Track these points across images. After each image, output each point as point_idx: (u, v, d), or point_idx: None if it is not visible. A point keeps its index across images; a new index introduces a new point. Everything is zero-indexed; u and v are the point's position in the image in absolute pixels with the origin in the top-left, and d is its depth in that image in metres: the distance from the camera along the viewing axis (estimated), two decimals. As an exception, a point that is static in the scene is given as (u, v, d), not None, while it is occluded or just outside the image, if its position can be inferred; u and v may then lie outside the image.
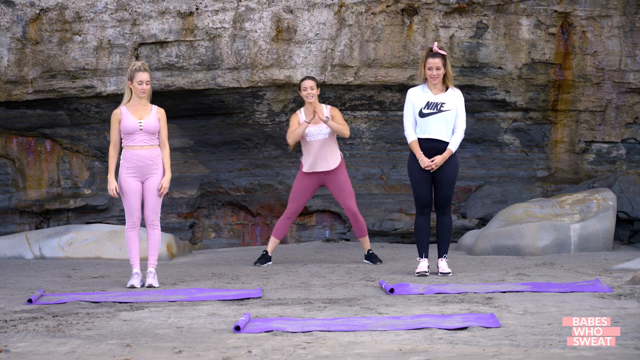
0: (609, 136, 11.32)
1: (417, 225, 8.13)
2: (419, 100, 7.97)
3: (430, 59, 7.91)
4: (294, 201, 9.26)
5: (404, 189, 11.50)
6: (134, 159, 7.72)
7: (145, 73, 7.74)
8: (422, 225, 8.10)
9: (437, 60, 7.90)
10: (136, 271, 7.78)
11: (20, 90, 10.50)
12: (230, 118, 11.10)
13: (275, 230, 9.33)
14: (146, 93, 7.77)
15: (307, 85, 9.04)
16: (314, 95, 9.04)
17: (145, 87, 7.74)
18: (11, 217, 11.36)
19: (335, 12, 10.50)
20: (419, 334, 5.29)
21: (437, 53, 7.92)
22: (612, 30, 10.93)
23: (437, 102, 7.92)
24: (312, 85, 9.06)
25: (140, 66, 7.75)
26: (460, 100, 8.05)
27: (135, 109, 7.76)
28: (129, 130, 7.69)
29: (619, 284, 7.19)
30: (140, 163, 7.72)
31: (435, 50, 7.93)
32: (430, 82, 7.96)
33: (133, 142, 7.72)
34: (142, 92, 7.74)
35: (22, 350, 5.04)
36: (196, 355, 4.85)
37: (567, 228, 9.77)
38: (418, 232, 8.12)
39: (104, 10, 10.30)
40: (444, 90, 7.99)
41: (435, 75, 7.89)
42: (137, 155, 7.72)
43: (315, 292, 7.17)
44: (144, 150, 7.73)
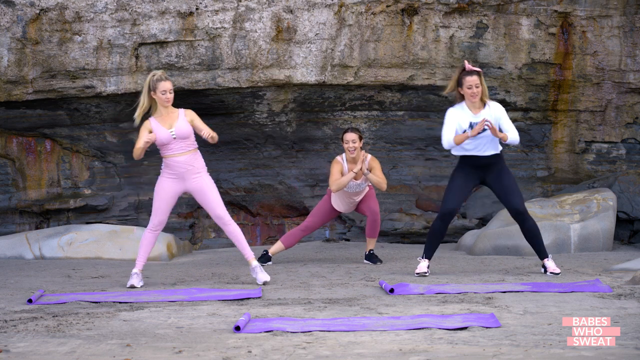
0: (609, 136, 11.32)
1: (434, 229, 8.04)
2: (463, 121, 7.88)
3: (468, 77, 7.80)
4: (315, 217, 9.28)
5: (404, 189, 11.50)
6: (175, 165, 7.69)
7: (167, 82, 7.72)
8: (440, 230, 8.03)
9: (475, 78, 7.81)
10: (135, 271, 7.78)
11: (20, 90, 10.50)
12: (230, 118, 11.10)
13: (286, 237, 9.33)
14: (171, 102, 7.74)
15: (349, 139, 8.97)
16: (356, 148, 8.97)
17: (170, 96, 7.70)
18: (11, 217, 11.36)
19: (335, 12, 10.50)
20: (419, 334, 5.29)
21: (473, 71, 7.84)
22: (612, 30, 10.93)
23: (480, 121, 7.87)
24: (355, 138, 8.98)
25: (160, 76, 7.71)
26: (501, 111, 7.96)
27: (164, 119, 7.71)
28: (163, 142, 7.67)
29: (619, 284, 7.19)
30: (181, 169, 7.70)
31: (470, 68, 7.84)
32: (470, 101, 7.86)
33: (171, 152, 7.70)
34: (167, 101, 7.71)
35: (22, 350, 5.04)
36: (196, 355, 4.85)
37: (567, 228, 9.77)
38: (433, 235, 8.06)
39: (104, 10, 10.31)
40: (482, 107, 7.92)
41: (476, 93, 7.79)
42: (177, 162, 7.69)
43: (315, 292, 7.17)
44: (183, 157, 7.71)
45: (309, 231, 9.35)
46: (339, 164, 9.09)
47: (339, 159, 9.14)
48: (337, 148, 11.36)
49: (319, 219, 9.30)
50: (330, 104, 11.04)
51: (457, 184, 7.96)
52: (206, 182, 7.74)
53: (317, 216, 9.29)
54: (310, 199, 11.45)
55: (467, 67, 7.84)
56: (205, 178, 7.75)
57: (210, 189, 7.72)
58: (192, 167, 7.70)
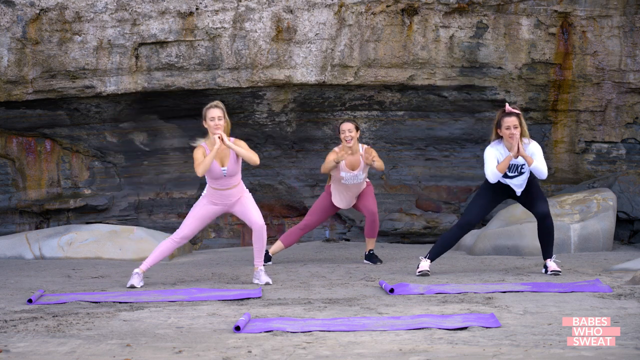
0: (609, 136, 11.32)
1: (451, 236, 8.14)
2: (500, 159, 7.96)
3: (506, 118, 7.87)
4: (313, 215, 9.30)
5: (404, 189, 11.50)
6: (220, 197, 7.83)
7: (217, 109, 7.70)
8: (455, 238, 8.15)
9: (514, 119, 7.87)
10: (137, 271, 7.78)
11: (20, 90, 10.50)
12: (230, 118, 11.08)
13: (285, 236, 9.34)
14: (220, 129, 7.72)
15: (346, 129, 9.01)
16: (353, 138, 9.00)
17: (218, 123, 7.69)
18: (11, 217, 11.36)
19: (335, 12, 10.50)
20: (419, 334, 5.29)
21: (512, 112, 7.90)
22: (612, 30, 10.93)
23: (518, 164, 7.93)
24: (351, 128, 9.01)
25: (212, 104, 7.76)
26: (537, 148, 7.98)
27: (217, 152, 7.72)
28: (214, 176, 7.77)
29: (619, 284, 7.19)
30: (225, 201, 7.85)
31: (509, 110, 7.90)
32: (508, 142, 7.89)
33: (217, 185, 7.81)
34: (216, 127, 7.71)
35: (22, 350, 5.04)
36: (196, 355, 4.85)
37: (567, 228, 9.77)
38: (447, 242, 8.15)
39: (104, 10, 10.30)
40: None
41: (515, 133, 7.85)
42: (223, 195, 7.83)
43: (315, 292, 7.17)
44: (229, 191, 7.82)
45: (308, 229, 9.37)
46: (335, 153, 9.11)
47: (336, 149, 9.17)
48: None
49: (318, 216, 9.31)
50: (330, 104, 11.04)
51: (485, 202, 8.10)
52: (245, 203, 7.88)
53: (316, 214, 9.30)
54: (310, 199, 11.45)
55: (507, 109, 7.92)
56: (245, 199, 7.90)
57: (249, 203, 7.87)
58: (234, 198, 7.87)
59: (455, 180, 11.51)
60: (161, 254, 7.86)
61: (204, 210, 7.88)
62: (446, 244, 8.15)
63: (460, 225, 8.09)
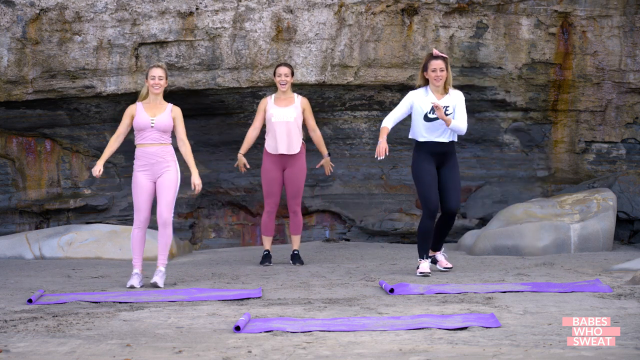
0: (609, 136, 11.32)
1: (425, 228, 8.15)
2: (424, 104, 8.06)
3: (433, 61, 8.03)
4: (270, 196, 9.21)
5: (404, 189, 11.50)
6: (145, 157, 7.77)
7: (158, 69, 7.84)
8: (430, 229, 8.17)
9: (440, 62, 8.03)
10: (136, 271, 7.79)
11: (20, 90, 10.50)
12: (230, 118, 11.10)
13: (264, 230, 9.33)
14: (159, 89, 7.82)
15: (282, 72, 9.10)
16: (287, 83, 9.11)
17: (159, 82, 7.79)
18: (11, 217, 11.36)
19: (335, 12, 10.50)
20: (419, 334, 5.29)
21: (439, 56, 8.03)
22: (612, 30, 10.93)
23: (443, 106, 8.00)
24: (287, 72, 9.12)
25: (156, 64, 7.93)
26: (460, 99, 8.16)
27: (149, 107, 7.83)
28: (140, 127, 7.74)
29: (619, 284, 7.19)
30: (151, 160, 7.76)
31: (437, 54, 8.04)
32: (434, 85, 8.06)
33: (143, 140, 7.77)
34: (155, 86, 7.79)
35: (22, 350, 5.04)
36: (196, 355, 4.85)
37: (567, 228, 9.77)
38: (425, 235, 8.16)
39: (104, 10, 10.30)
40: (445, 93, 8.08)
41: (440, 76, 8.00)
42: (147, 152, 7.76)
43: (315, 292, 7.17)
44: (153, 148, 7.77)
45: (276, 209, 9.28)
46: (264, 102, 9.19)
47: (267, 97, 9.24)
48: (337, 148, 11.36)
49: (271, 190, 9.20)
50: (330, 104, 11.04)
51: (428, 180, 8.14)
52: (167, 179, 7.76)
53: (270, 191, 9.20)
54: (310, 199, 11.45)
55: (434, 53, 8.04)
56: (170, 175, 7.79)
57: (168, 187, 7.75)
58: (162, 160, 7.77)
59: (455, 180, 11.50)
60: (139, 246, 7.83)
61: (138, 185, 7.77)
62: (427, 239, 8.17)
63: (429, 215, 8.11)
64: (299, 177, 9.21)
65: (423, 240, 8.15)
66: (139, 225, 7.81)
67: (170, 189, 7.77)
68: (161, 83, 7.83)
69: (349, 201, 11.52)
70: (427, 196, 8.10)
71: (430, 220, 8.13)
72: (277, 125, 9.09)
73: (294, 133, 9.13)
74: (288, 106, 9.13)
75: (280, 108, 9.12)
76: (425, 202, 8.12)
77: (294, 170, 9.18)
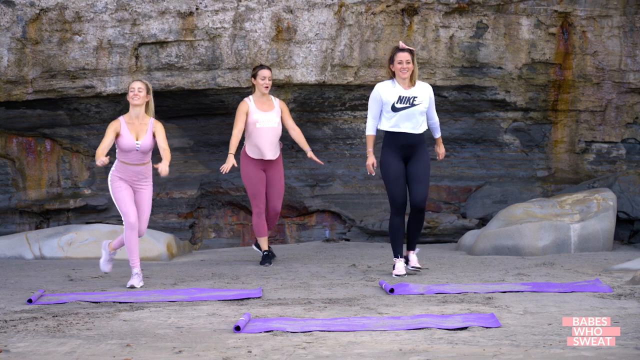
0: (609, 136, 11.32)
1: (394, 225, 8.16)
2: (391, 95, 8.11)
3: (399, 53, 8.07)
4: (256, 197, 9.18)
5: (404, 189, 11.50)
6: (127, 172, 7.90)
7: (138, 82, 7.91)
8: (399, 226, 8.16)
9: (406, 54, 8.07)
10: (136, 271, 7.79)
11: (20, 90, 10.50)
12: (230, 118, 11.09)
13: (258, 231, 9.28)
14: (139, 100, 7.82)
15: (266, 75, 9.12)
16: (268, 87, 9.12)
17: (138, 94, 7.81)
18: (11, 217, 11.36)
19: (335, 12, 10.50)
20: (419, 334, 5.29)
21: (405, 48, 8.09)
22: (612, 30, 10.93)
23: (409, 96, 8.08)
24: (271, 75, 9.17)
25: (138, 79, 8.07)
26: (431, 91, 8.24)
27: (133, 126, 7.83)
28: (125, 149, 7.82)
29: (619, 284, 7.19)
30: (133, 177, 7.92)
31: (402, 47, 8.11)
32: (400, 77, 8.10)
33: (128, 160, 7.89)
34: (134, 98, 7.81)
35: (22, 350, 5.04)
36: (196, 355, 4.85)
37: (567, 228, 9.77)
38: (395, 232, 8.16)
39: (104, 10, 10.30)
40: (412, 85, 8.12)
41: (406, 68, 8.05)
42: (131, 170, 7.90)
43: (315, 292, 7.17)
44: (138, 167, 7.91)
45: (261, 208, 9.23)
46: (245, 104, 9.14)
47: (246, 99, 9.20)
48: (337, 148, 11.37)
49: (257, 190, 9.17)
50: (330, 104, 11.04)
51: (395, 174, 8.15)
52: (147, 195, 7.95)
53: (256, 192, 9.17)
54: (310, 199, 11.45)
55: (400, 45, 8.12)
56: (149, 191, 7.98)
57: (147, 203, 7.96)
58: (143, 177, 7.94)
59: (455, 180, 11.51)
60: (134, 247, 7.87)
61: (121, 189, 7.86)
62: (399, 236, 8.16)
63: (395, 212, 8.12)
64: (279, 180, 9.26)
65: (393, 238, 8.16)
66: (131, 227, 7.85)
67: (149, 206, 7.99)
68: (140, 95, 7.83)
69: (349, 201, 11.52)
70: (392, 192, 8.12)
71: (398, 217, 8.12)
72: (262, 131, 9.11)
73: (277, 138, 9.22)
74: (270, 111, 9.15)
75: (264, 113, 9.12)
76: (390, 198, 8.14)
77: (276, 172, 9.23)
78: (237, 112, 9.18)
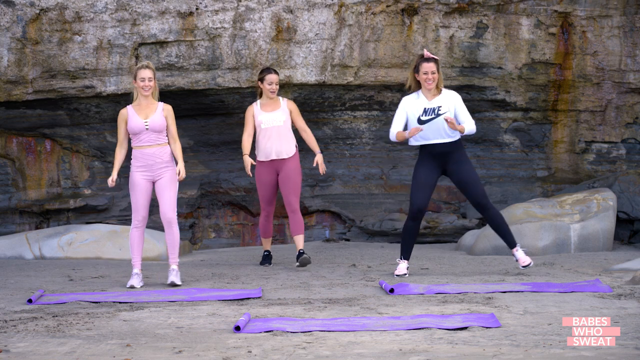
0: (609, 136, 11.32)
1: (407, 228, 8.12)
2: (416, 108, 8.02)
3: (424, 64, 7.97)
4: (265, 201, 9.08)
5: (404, 189, 11.50)
6: (143, 157, 7.78)
7: (147, 70, 7.80)
8: (413, 230, 8.11)
9: (432, 65, 7.98)
10: (136, 271, 7.79)
11: (20, 90, 10.50)
12: (230, 118, 11.10)
13: (263, 232, 9.25)
14: (150, 90, 7.80)
15: (273, 80, 8.94)
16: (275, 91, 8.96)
17: (148, 84, 7.77)
18: (11, 217, 11.36)
19: (335, 12, 10.50)
20: (419, 334, 5.29)
21: (430, 58, 7.99)
22: (612, 30, 10.93)
23: (434, 106, 7.97)
24: (278, 80, 9.00)
25: (143, 64, 7.83)
26: (458, 99, 8.10)
27: (141, 108, 7.80)
28: (135, 130, 7.74)
29: (619, 284, 7.19)
30: (149, 161, 7.78)
31: (428, 56, 7.99)
32: (425, 88, 8.01)
33: (140, 142, 7.77)
34: (144, 88, 7.78)
35: (22, 350, 5.04)
36: (196, 355, 4.85)
37: (567, 228, 9.77)
38: (407, 235, 8.12)
39: (104, 10, 10.30)
40: (437, 94, 8.03)
41: (431, 79, 7.95)
42: (146, 154, 7.77)
43: (315, 292, 7.17)
44: (151, 149, 7.78)
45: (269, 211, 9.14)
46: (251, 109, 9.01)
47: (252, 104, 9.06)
48: (337, 148, 11.36)
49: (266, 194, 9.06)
50: (330, 104, 11.04)
51: (421, 181, 8.05)
52: (167, 179, 7.79)
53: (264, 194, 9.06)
54: (310, 199, 11.45)
55: (425, 54, 8.00)
56: (169, 174, 7.81)
57: (169, 187, 7.79)
58: (160, 160, 7.80)
59: (455, 180, 11.50)
60: (138, 246, 7.84)
61: (136, 184, 7.79)
62: (410, 240, 8.13)
63: (412, 217, 8.07)
64: (294, 177, 8.99)
65: (404, 241, 8.14)
66: (137, 225, 7.82)
67: (171, 189, 7.80)
68: (150, 85, 7.80)
69: (349, 201, 11.52)
70: (411, 196, 8.05)
71: (412, 222, 8.05)
72: (267, 130, 8.94)
73: (284, 137, 8.96)
74: (275, 110, 8.98)
75: (268, 113, 8.97)
76: (410, 201, 8.08)
77: (288, 172, 8.97)
78: (245, 118, 9.07)
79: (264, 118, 8.95)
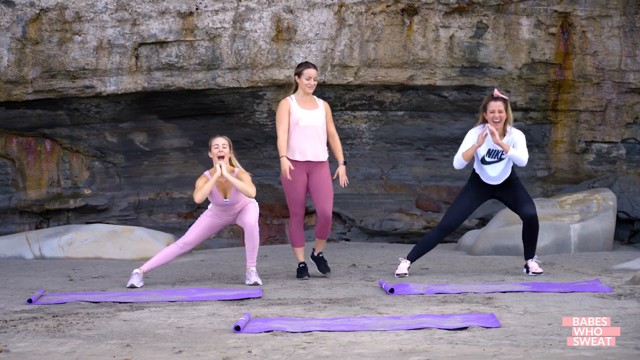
0: (609, 136, 11.32)
1: (430, 238, 8.19)
2: (482, 146, 8.03)
3: (492, 102, 7.96)
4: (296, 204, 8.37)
5: (403, 189, 11.50)
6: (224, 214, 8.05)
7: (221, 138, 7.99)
8: (434, 241, 8.18)
9: (500, 104, 7.95)
10: (137, 271, 7.79)
11: (20, 90, 10.50)
12: (230, 118, 11.10)
13: (294, 241, 8.47)
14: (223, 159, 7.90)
15: (312, 75, 8.19)
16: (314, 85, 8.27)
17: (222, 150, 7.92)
18: (11, 217, 11.36)
19: (335, 12, 10.50)
20: (419, 334, 5.29)
21: (499, 97, 7.98)
22: (612, 30, 10.93)
23: (499, 150, 7.98)
24: (316, 75, 8.28)
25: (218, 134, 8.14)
26: (520, 137, 8.04)
27: (220, 183, 7.90)
28: (216, 203, 7.96)
29: (619, 284, 7.19)
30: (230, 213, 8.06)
31: (497, 95, 7.99)
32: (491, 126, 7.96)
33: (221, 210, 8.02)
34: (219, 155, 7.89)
35: (22, 350, 5.04)
36: (196, 355, 4.85)
37: (567, 228, 9.77)
38: (427, 244, 8.19)
39: (104, 10, 10.31)
40: (503, 134, 8.00)
41: (498, 117, 7.93)
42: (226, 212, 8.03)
43: (315, 292, 7.18)
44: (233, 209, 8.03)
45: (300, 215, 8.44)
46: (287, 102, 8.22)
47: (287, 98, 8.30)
48: (337, 148, 11.37)
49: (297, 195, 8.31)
50: (331, 104, 11.03)
51: (465, 204, 8.12)
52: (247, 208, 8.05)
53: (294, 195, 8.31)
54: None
55: (495, 94, 8.00)
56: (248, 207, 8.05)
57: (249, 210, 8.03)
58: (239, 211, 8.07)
59: (455, 180, 11.51)
60: (164, 258, 7.91)
61: (209, 221, 8.04)
62: (427, 247, 8.20)
63: (441, 228, 8.13)
64: (329, 183, 8.29)
65: (420, 246, 8.20)
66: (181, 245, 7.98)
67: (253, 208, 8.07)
68: (225, 151, 7.94)
69: (349, 201, 11.52)
70: (450, 211, 8.13)
71: (439, 233, 8.13)
72: (306, 129, 8.18)
73: (321, 138, 8.25)
74: (314, 109, 8.25)
75: (307, 111, 8.21)
76: (446, 215, 8.15)
77: (323, 176, 8.26)
78: (278, 112, 8.26)
79: (303, 115, 8.19)
